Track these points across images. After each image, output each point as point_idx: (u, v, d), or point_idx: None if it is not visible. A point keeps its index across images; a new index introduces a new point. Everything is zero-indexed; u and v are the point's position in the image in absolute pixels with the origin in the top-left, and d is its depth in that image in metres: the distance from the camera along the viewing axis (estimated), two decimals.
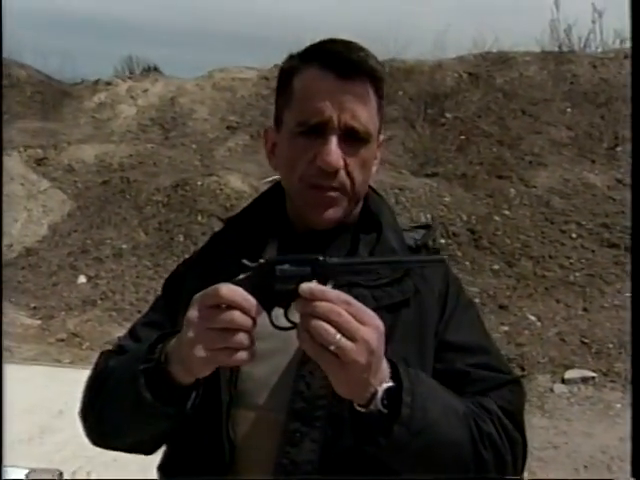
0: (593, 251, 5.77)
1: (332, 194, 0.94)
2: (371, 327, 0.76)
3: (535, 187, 6.27)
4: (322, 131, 0.93)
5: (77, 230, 6.95)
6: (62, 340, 5.33)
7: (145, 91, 9.80)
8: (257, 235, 1.03)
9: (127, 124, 9.15)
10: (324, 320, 0.74)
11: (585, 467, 3.48)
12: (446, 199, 6.40)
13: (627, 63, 7.29)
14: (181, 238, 6.43)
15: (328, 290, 0.76)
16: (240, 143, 8.20)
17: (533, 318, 5.14)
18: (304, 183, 0.95)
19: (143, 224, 6.78)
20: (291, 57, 1.01)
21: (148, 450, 0.99)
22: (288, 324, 0.80)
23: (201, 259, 1.08)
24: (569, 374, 4.54)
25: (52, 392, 3.77)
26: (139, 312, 5.69)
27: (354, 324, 0.75)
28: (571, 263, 5.64)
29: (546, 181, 6.29)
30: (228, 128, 8.60)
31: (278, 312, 0.80)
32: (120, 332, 5.34)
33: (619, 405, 4.23)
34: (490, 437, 0.91)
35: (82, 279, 6.39)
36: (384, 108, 1.03)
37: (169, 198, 6.96)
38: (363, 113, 0.94)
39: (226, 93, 9.36)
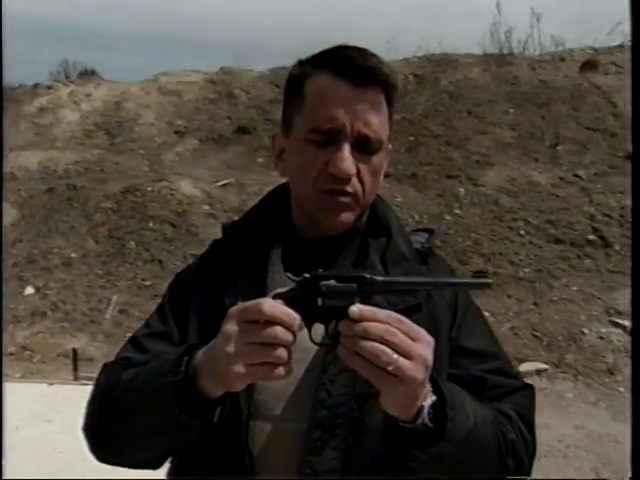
0: (540, 247, 5.86)
1: (345, 199, 0.94)
2: (424, 343, 0.77)
3: (484, 186, 6.34)
4: (335, 138, 0.92)
5: (22, 240, 6.73)
6: (12, 354, 5.14)
7: (88, 95, 9.59)
8: (261, 241, 1.02)
9: (71, 129, 8.94)
10: (379, 341, 0.74)
11: (544, 457, 3.53)
12: (398, 199, 6.44)
13: (564, 66, 7.58)
14: (132, 245, 6.26)
15: (379, 311, 0.76)
16: (189, 148, 8.07)
17: (487, 314, 5.03)
18: (317, 189, 0.95)
19: (92, 232, 6.59)
20: (301, 63, 1.00)
21: (158, 464, 0.97)
22: (327, 341, 0.80)
23: (205, 268, 1.05)
24: (524, 367, 4.61)
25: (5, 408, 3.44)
26: (92, 322, 5.54)
27: (409, 342, 0.75)
28: (520, 259, 5.72)
29: (494, 180, 6.37)
30: (176, 133, 8.45)
31: (317, 328, 0.80)
32: (73, 344, 5.24)
33: (571, 395, 4.33)
34: (512, 444, 0.93)
35: (30, 290, 6.20)
36: (394, 116, 1.03)
37: (119, 204, 6.80)
38: (376, 121, 0.93)
39: (172, 97, 9.22)
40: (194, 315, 0.97)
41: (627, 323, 5.05)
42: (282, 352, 0.75)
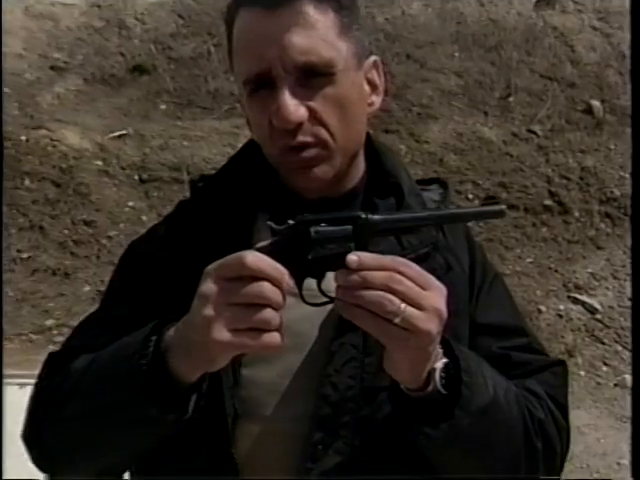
0: None
1: (309, 153, 0.86)
2: (436, 291, 0.71)
3: (426, 143, 5.89)
4: (269, 82, 0.84)
5: None
6: None
7: None
8: (244, 202, 0.93)
9: None
10: (383, 290, 0.68)
11: None
12: None
13: (516, 1, 6.95)
14: (4, 208, 5.27)
15: (381, 257, 0.70)
16: (72, 89, 6.90)
17: None
18: (276, 148, 0.88)
19: None
20: (228, 5, 0.91)
21: (119, 473, 0.88)
22: (323, 298, 0.74)
23: (174, 236, 0.95)
24: None
25: None
26: None
27: (418, 290, 0.70)
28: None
29: (438, 136, 5.92)
30: (53, 69, 7.24)
31: (308, 285, 0.74)
32: None
33: None
34: (541, 424, 0.87)
35: None
36: (357, 21, 0.89)
37: None
38: (313, 41, 0.83)
39: (45, 22, 7.87)
40: (165, 292, 0.87)
41: (587, 299, 4.86)
42: (271, 314, 0.69)
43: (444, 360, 0.78)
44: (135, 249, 1.01)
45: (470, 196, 5.55)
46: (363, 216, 0.73)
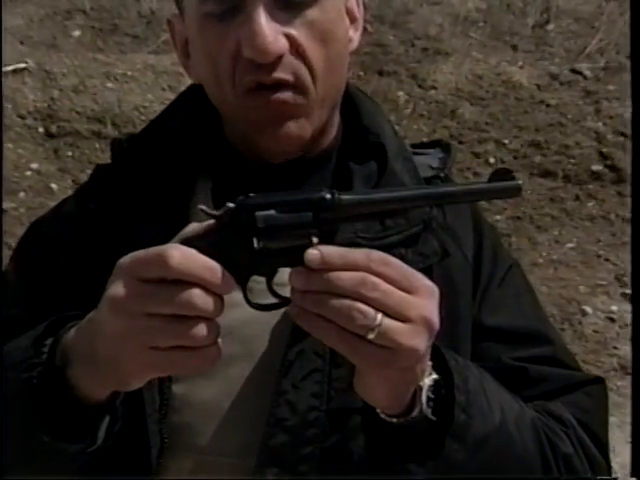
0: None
1: (285, 95, 0.77)
2: (424, 294, 0.62)
3: (434, 88, 5.01)
4: (239, 3, 0.76)
5: None
6: None
7: None
8: (178, 168, 0.85)
9: None
10: (353, 297, 0.59)
11: None
12: None
13: None
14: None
15: (350, 251, 0.60)
16: None
17: None
18: (238, 92, 0.78)
19: None
20: None
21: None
22: (273, 300, 0.65)
23: (87, 212, 0.86)
24: None
25: None
26: None
27: (400, 295, 0.60)
28: (489, 202, 4.53)
29: (449, 79, 5.04)
30: None
31: (254, 284, 0.65)
32: None
33: None
34: (568, 460, 0.79)
35: None
36: None
37: None
38: None
39: None
40: (75, 289, 0.80)
41: None
42: (203, 328, 0.60)
43: (434, 376, 0.69)
44: (38, 231, 0.91)
45: (491, 160, 4.69)
46: (328, 197, 0.62)
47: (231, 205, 0.64)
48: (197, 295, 0.60)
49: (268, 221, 0.63)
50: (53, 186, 4.21)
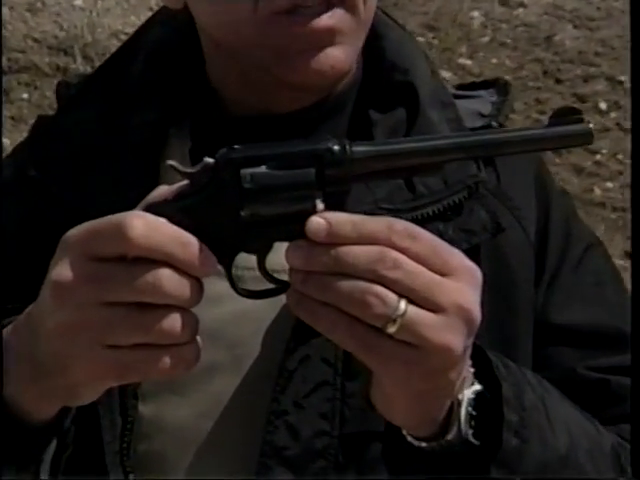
0: None
1: (334, 17, 0.68)
2: (463, 277, 0.53)
3: (523, 6, 4.13)
4: None
5: None
6: None
7: None
8: (144, 121, 0.77)
9: None
10: (368, 278, 0.51)
11: None
12: None
13: None
14: None
15: (367, 220, 0.53)
16: None
17: None
18: (261, 15, 0.68)
19: None
20: None
21: None
22: (269, 285, 0.57)
23: (26, 179, 0.78)
24: None
25: None
26: None
27: (431, 278, 0.52)
28: (602, 156, 3.62)
29: None
30: None
31: (244, 271, 0.63)
32: None
33: None
34: None
35: None
36: None
37: None
38: None
39: None
40: (17, 275, 0.73)
41: None
42: (174, 320, 0.52)
43: (476, 387, 0.61)
44: None
45: (602, 105, 3.72)
46: (336, 148, 0.53)
47: (210, 160, 0.55)
48: (166, 276, 0.51)
49: (258, 180, 0.54)
50: (5, 141, 3.48)
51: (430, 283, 0.52)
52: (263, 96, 0.74)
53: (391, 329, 0.52)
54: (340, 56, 0.70)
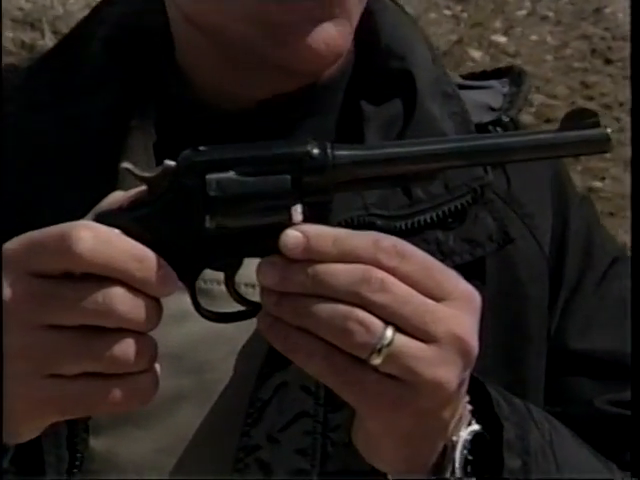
0: None
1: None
2: (458, 302, 0.52)
3: None
4: None
5: None
6: None
7: None
8: (100, 113, 0.72)
9: None
10: (349, 301, 0.50)
11: None
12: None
13: None
14: None
15: (350, 235, 0.51)
16: None
17: None
18: None
19: None
20: None
21: None
22: (239, 307, 0.56)
23: None
24: None
25: None
26: None
27: (423, 302, 0.50)
28: None
29: None
30: None
31: (212, 285, 0.63)
32: None
33: None
34: None
35: None
36: None
37: None
38: None
39: None
40: None
41: None
42: (128, 346, 0.50)
43: (473, 427, 0.58)
44: None
45: None
46: (316, 152, 0.51)
47: (170, 163, 0.53)
48: (119, 296, 0.50)
49: (225, 188, 0.52)
50: None
51: (421, 308, 0.51)
52: (242, 79, 0.70)
53: (375, 361, 0.50)
54: (336, 33, 0.67)
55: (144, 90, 0.73)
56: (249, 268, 0.54)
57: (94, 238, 0.50)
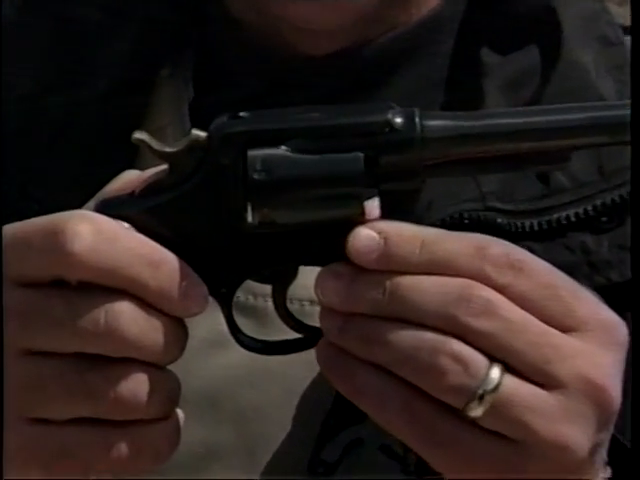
0: None
1: None
2: (597, 334, 0.38)
3: None
4: None
5: None
6: None
7: None
8: (124, 62, 0.56)
9: None
10: (446, 330, 0.37)
11: None
12: None
13: None
14: None
15: (446, 235, 0.39)
16: None
17: None
18: None
19: None
20: None
21: None
22: (293, 333, 0.42)
23: None
24: None
25: None
26: None
27: (543, 332, 0.38)
28: None
29: None
30: None
31: (259, 300, 0.49)
32: None
33: None
34: None
35: None
36: None
37: None
38: None
39: None
40: None
41: None
42: (138, 385, 0.38)
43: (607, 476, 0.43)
44: None
45: None
46: (399, 121, 0.38)
47: (200, 134, 0.38)
48: (126, 313, 0.36)
49: (275, 168, 0.37)
50: None
51: (541, 341, 0.37)
52: (293, 36, 0.54)
53: (475, 412, 0.37)
54: None
55: (177, 29, 0.57)
56: (306, 280, 0.41)
57: (95, 234, 0.38)
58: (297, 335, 0.42)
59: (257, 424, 0.51)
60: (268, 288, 0.44)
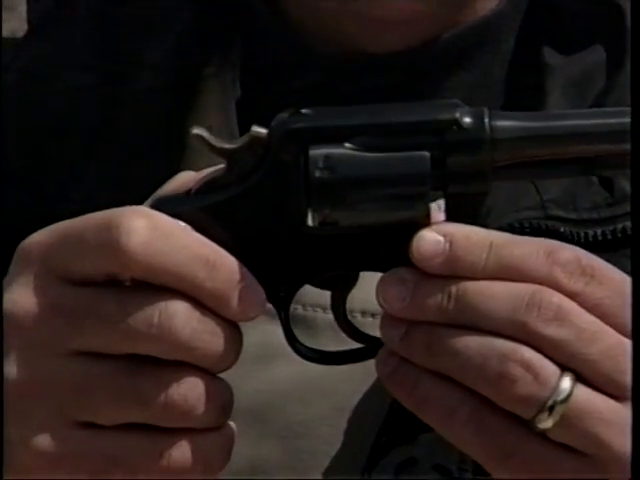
0: None
1: None
2: None
3: None
4: None
5: None
6: None
7: None
8: (169, 57, 0.56)
9: None
10: (514, 337, 0.36)
11: None
12: None
13: None
14: None
15: (518, 242, 0.38)
16: None
17: None
18: None
19: None
20: None
21: None
22: (352, 343, 0.41)
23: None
24: None
25: None
26: None
27: (617, 342, 0.37)
28: None
29: None
30: None
31: (314, 311, 0.48)
32: None
33: None
34: None
35: None
36: None
37: None
38: None
39: None
40: None
41: None
42: (191, 391, 0.37)
43: None
44: None
45: None
46: (467, 121, 0.37)
47: (260, 131, 0.38)
48: (181, 314, 0.36)
49: (338, 167, 0.37)
50: None
51: (614, 350, 0.37)
52: (353, 31, 0.54)
53: (545, 423, 0.36)
54: None
55: (226, 25, 0.56)
56: (368, 287, 0.40)
57: (152, 230, 0.37)
58: (356, 345, 0.41)
59: (304, 440, 0.50)
60: (318, 298, 0.43)
